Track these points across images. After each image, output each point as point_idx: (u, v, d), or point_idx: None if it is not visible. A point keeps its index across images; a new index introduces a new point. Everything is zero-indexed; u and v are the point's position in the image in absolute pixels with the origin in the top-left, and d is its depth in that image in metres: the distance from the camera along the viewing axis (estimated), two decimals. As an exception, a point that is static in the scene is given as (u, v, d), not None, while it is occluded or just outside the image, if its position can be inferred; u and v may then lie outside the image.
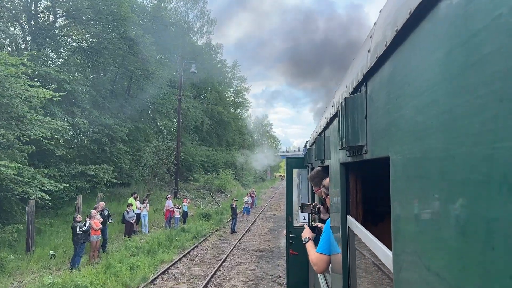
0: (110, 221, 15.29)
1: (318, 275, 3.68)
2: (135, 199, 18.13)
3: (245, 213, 25.75)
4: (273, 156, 74.61)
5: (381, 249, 1.32)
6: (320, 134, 3.56)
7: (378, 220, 2.22)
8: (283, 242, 18.04)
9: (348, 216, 2.02)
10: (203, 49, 43.79)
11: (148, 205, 18.56)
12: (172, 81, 34.67)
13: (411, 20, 0.92)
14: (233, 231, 20.57)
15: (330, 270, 2.82)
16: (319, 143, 3.48)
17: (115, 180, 21.40)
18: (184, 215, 20.84)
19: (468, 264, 0.65)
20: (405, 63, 1.01)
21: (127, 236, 15.85)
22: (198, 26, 44.07)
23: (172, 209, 19.39)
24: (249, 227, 22.06)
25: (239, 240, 18.06)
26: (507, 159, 0.54)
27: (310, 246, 2.95)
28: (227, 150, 54.95)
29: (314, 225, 3.61)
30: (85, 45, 24.08)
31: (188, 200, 21.62)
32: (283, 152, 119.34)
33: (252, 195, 32.52)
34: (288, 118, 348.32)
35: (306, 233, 3.15)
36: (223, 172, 38.31)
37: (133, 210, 16.80)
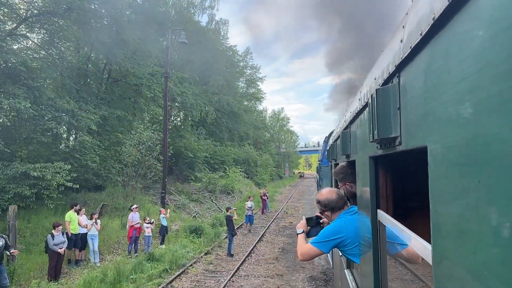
0: (13, 250, 9.10)
1: (345, 270, 3.72)
2: (78, 213, 11.92)
3: (248, 222, 19.25)
4: None
5: (418, 242, 1.28)
6: (345, 128, 3.47)
7: (408, 215, 2.12)
8: (301, 277, 11.52)
9: (378, 210, 1.97)
10: (205, 28, 37.39)
11: (99, 221, 12.28)
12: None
13: (450, 6, 0.88)
14: (229, 254, 14.15)
15: (356, 266, 2.92)
16: (345, 137, 3.44)
17: (70, 184, 15.31)
18: (163, 231, 14.53)
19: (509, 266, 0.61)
20: (444, 51, 0.97)
21: (49, 279, 9.62)
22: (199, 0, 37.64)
23: (138, 225, 13.08)
24: (254, 245, 15.58)
25: (234, 273, 11.60)
26: None
27: (301, 237, 3.03)
28: (240, 145, 48.59)
29: (316, 215, 3.24)
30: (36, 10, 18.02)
31: (168, 210, 15.25)
32: (302, 147, 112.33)
33: (263, 196, 26.02)
34: (307, 115, 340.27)
35: (301, 225, 3.16)
36: (229, 169, 31.85)
37: (64, 233, 10.56)
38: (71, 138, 20.14)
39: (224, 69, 42.21)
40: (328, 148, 7.46)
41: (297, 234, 3.12)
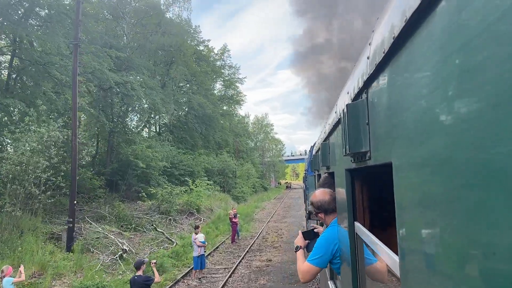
0: None
1: (329, 281, 3.61)
2: None
3: (198, 268, 11.94)
4: None
5: (387, 254, 1.29)
6: (324, 140, 3.45)
7: (386, 225, 2.05)
8: None
9: (355, 222, 1.94)
10: (164, 9, 30.30)
11: None
12: (105, 44, 21.32)
13: (407, 27, 0.91)
14: None
15: (340, 277, 2.79)
16: (324, 149, 3.41)
17: None
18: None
19: (471, 267, 0.64)
20: (404, 70, 0.99)
21: None
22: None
23: None
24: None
25: None
26: (505, 164, 0.53)
27: (300, 254, 2.82)
28: (218, 154, 41.31)
29: (311, 227, 3.15)
30: None
31: (21, 269, 7.89)
32: (288, 156, 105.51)
33: (234, 219, 18.79)
34: (293, 124, 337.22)
35: (298, 241, 2.92)
36: (192, 182, 24.53)
37: None
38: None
39: (193, 62, 35.26)
40: (311, 158, 7.16)
41: (295, 251, 2.91)
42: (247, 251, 15.89)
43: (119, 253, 12.77)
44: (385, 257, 1.33)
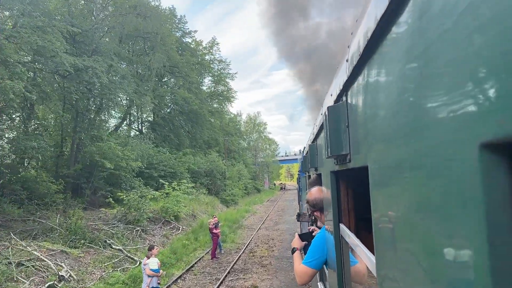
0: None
1: (318, 283, 3.59)
2: None
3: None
4: None
5: (366, 255, 1.29)
6: (313, 142, 3.42)
7: (372, 228, 1.81)
8: None
9: (340, 224, 1.96)
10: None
11: None
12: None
13: (378, 29, 0.90)
14: None
15: (328, 278, 2.78)
16: (312, 151, 3.38)
17: None
18: None
19: (442, 269, 0.65)
20: (377, 73, 0.99)
21: None
22: None
23: None
24: None
25: None
26: (462, 172, 0.54)
27: (297, 256, 2.76)
28: (207, 154, 37.95)
29: (309, 230, 3.05)
30: None
31: None
32: (282, 156, 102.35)
33: (214, 230, 15.48)
34: (288, 125, 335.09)
35: (295, 243, 2.91)
36: (168, 185, 21.17)
37: None
38: None
39: (176, 52, 31.94)
40: (303, 159, 7.33)
41: (292, 253, 2.85)
42: (229, 272, 12.62)
43: (49, 282, 9.43)
44: (365, 258, 1.33)
